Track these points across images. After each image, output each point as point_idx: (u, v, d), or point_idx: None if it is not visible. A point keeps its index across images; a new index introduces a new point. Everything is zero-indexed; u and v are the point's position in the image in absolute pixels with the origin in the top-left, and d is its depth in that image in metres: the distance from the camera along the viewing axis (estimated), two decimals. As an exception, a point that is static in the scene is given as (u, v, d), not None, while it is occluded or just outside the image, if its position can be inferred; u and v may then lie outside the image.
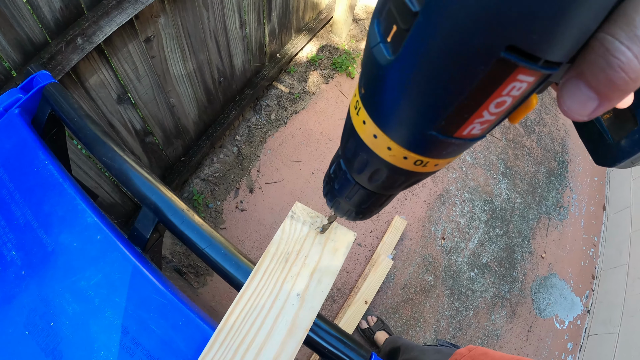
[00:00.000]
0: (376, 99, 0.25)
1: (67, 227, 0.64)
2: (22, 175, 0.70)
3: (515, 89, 0.19)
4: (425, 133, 0.24)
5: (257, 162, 2.28)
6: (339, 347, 0.58)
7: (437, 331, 2.10)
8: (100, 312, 0.57)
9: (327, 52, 2.74)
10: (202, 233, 0.61)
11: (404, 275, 2.18)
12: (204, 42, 1.65)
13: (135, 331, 0.56)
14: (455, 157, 0.28)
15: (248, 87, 2.25)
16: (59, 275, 0.61)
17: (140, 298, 0.57)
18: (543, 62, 0.17)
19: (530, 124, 2.94)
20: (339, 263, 0.59)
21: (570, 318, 2.33)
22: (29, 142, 0.73)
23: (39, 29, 1.03)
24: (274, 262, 0.57)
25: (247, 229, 2.07)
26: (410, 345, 1.42)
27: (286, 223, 0.60)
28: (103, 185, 1.51)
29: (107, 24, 1.14)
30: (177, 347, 0.55)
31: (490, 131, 0.24)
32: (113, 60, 1.27)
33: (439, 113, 0.22)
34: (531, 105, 0.23)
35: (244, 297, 0.54)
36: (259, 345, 0.51)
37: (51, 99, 0.76)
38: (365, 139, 0.29)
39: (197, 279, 1.91)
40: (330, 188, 0.41)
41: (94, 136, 0.70)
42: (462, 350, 0.85)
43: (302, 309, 0.54)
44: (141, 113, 1.53)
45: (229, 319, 0.52)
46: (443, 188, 2.49)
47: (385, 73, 0.22)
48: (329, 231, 0.61)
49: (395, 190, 0.35)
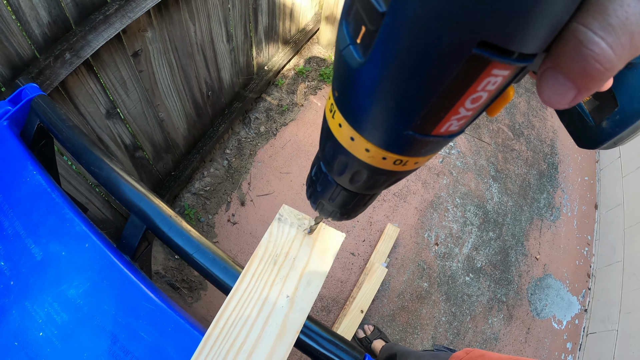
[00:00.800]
0: (350, 101, 0.25)
1: (55, 237, 0.64)
2: (10, 186, 0.70)
3: (491, 83, 0.19)
4: (401, 133, 0.23)
5: (247, 174, 2.28)
6: (332, 349, 0.57)
7: (435, 337, 2.09)
8: (89, 320, 0.57)
9: (314, 64, 2.77)
10: (189, 239, 0.61)
11: (399, 282, 2.18)
12: (192, 56, 1.66)
13: (125, 339, 0.55)
14: (436, 153, 0.28)
15: (236, 100, 2.26)
16: (48, 285, 0.60)
17: (129, 305, 0.57)
18: (517, 56, 0.17)
19: (518, 127, 2.97)
20: (328, 264, 0.59)
21: (568, 318, 2.33)
22: (17, 153, 0.73)
23: (27, 44, 1.04)
24: (262, 265, 0.57)
25: (240, 242, 2.07)
26: (407, 352, 1.41)
27: (273, 226, 0.60)
28: (94, 200, 1.50)
29: (94, 38, 1.14)
30: (167, 353, 0.54)
31: (469, 126, 0.24)
32: (101, 75, 1.27)
33: (414, 113, 0.21)
34: (508, 97, 0.23)
35: (232, 301, 0.53)
36: (249, 349, 0.51)
37: (39, 110, 0.77)
38: (343, 141, 0.29)
39: (190, 293, 1.89)
40: (313, 190, 0.41)
41: (82, 146, 0.70)
42: (459, 354, 0.84)
43: (292, 311, 0.54)
44: (130, 128, 1.53)
45: (217, 324, 0.52)
46: (434, 194, 2.50)
47: (357, 76, 0.22)
48: (316, 232, 0.61)
49: (378, 190, 0.35)
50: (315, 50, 2.84)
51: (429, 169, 2.57)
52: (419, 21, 0.16)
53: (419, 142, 0.24)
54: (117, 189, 0.65)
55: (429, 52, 0.17)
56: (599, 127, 0.40)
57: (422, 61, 0.18)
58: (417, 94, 0.20)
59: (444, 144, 0.26)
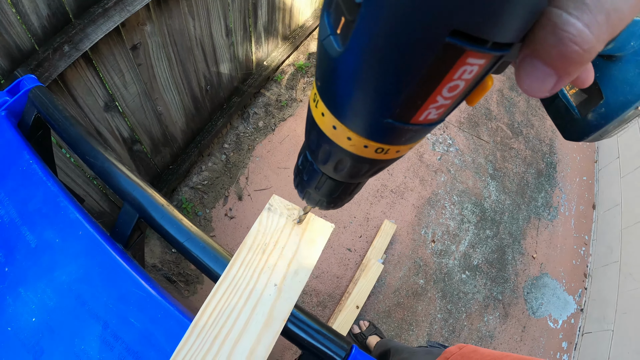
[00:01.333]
0: (331, 90, 0.26)
1: (50, 224, 0.65)
2: (7, 175, 0.71)
3: (467, 72, 0.19)
4: (381, 121, 0.24)
5: (245, 169, 2.29)
6: (319, 338, 0.58)
7: (430, 334, 2.10)
8: (81, 306, 0.58)
9: (313, 60, 2.77)
10: (180, 227, 0.62)
11: (395, 279, 2.19)
12: (191, 50, 1.67)
13: (115, 325, 0.56)
14: (417, 142, 0.28)
15: (235, 95, 2.27)
16: (41, 272, 0.61)
17: (120, 292, 0.58)
18: (491, 45, 0.17)
19: (517, 126, 2.98)
20: (317, 254, 0.60)
21: (564, 317, 2.34)
22: (14, 143, 0.74)
23: (27, 36, 1.05)
24: (251, 254, 0.58)
25: (237, 237, 2.08)
26: (400, 347, 1.42)
27: (263, 215, 0.61)
28: (91, 193, 1.51)
29: (93, 31, 1.15)
30: (157, 340, 0.55)
31: (449, 114, 0.25)
32: (100, 68, 1.28)
33: (392, 101, 0.22)
34: (486, 86, 0.23)
35: (220, 289, 0.54)
36: (236, 337, 0.52)
37: (37, 101, 0.77)
38: (326, 130, 0.29)
39: (187, 287, 1.91)
40: (300, 180, 0.42)
41: (77, 136, 0.71)
42: (452, 349, 0.85)
43: (279, 299, 0.55)
44: (128, 121, 1.54)
45: (205, 311, 0.53)
46: (432, 191, 2.51)
47: (337, 65, 0.23)
48: (306, 222, 0.62)
49: (362, 178, 0.36)
50: (315, 46, 2.84)
51: (426, 166, 2.58)
52: (393, 10, 0.17)
53: (398, 131, 0.24)
54: (111, 178, 0.66)
55: (404, 40, 0.18)
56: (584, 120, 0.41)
57: (398, 50, 0.18)
58: (394, 82, 0.20)
59: (425, 132, 0.26)
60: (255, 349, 0.51)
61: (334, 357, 0.56)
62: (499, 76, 3.24)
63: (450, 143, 2.73)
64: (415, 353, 1.23)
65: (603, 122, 0.39)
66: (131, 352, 0.54)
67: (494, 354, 0.76)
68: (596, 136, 0.41)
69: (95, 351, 0.55)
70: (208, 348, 0.50)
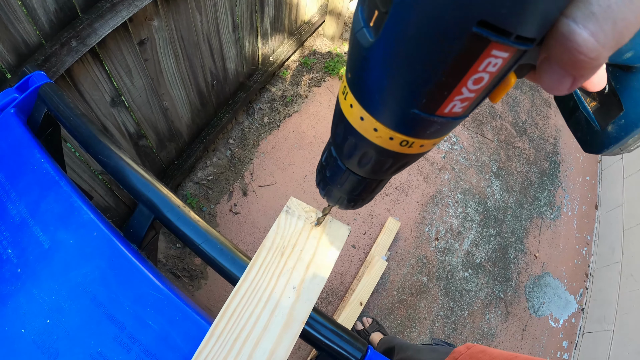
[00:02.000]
0: (361, 81, 0.26)
1: (63, 225, 0.64)
2: (18, 174, 0.70)
3: (491, 65, 0.20)
4: (407, 112, 0.25)
5: (250, 165, 2.28)
6: (336, 340, 0.58)
7: (433, 331, 2.11)
8: (96, 308, 0.57)
9: (319, 56, 2.76)
10: (197, 229, 0.61)
11: (399, 276, 2.19)
12: (197, 46, 1.66)
13: (132, 327, 0.56)
14: (440, 137, 0.29)
15: (241, 90, 2.26)
16: (55, 273, 0.61)
17: (136, 294, 0.58)
18: (515, 38, 0.18)
19: (521, 125, 2.97)
20: (334, 256, 0.60)
21: (565, 316, 2.34)
22: (24, 141, 0.74)
23: (34, 31, 1.04)
24: (270, 256, 0.57)
25: (241, 232, 2.07)
26: (405, 345, 1.42)
27: (281, 218, 0.61)
28: (97, 188, 1.50)
29: (101, 26, 1.14)
30: (174, 342, 0.55)
31: (472, 110, 0.25)
32: (107, 63, 1.27)
33: (420, 91, 0.22)
34: (509, 83, 0.24)
35: (240, 291, 0.54)
36: (256, 338, 0.51)
37: (47, 98, 0.77)
38: (353, 122, 0.30)
39: (191, 282, 1.91)
40: (323, 176, 0.42)
41: (90, 134, 0.70)
42: (460, 349, 0.85)
43: (298, 302, 0.55)
44: (135, 116, 1.53)
45: (225, 313, 0.52)
46: (436, 189, 2.50)
47: (368, 55, 0.24)
48: (323, 225, 0.61)
49: (385, 175, 0.36)
50: (320, 42, 2.83)
51: (431, 164, 2.58)
52: (425, 2, 0.18)
53: (424, 122, 0.25)
54: (125, 178, 0.66)
55: (433, 30, 0.18)
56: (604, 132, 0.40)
57: (427, 39, 0.19)
58: (422, 71, 0.21)
59: (449, 127, 0.27)
60: (275, 350, 0.51)
61: (350, 358, 0.56)
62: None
63: (455, 141, 2.73)
64: (420, 351, 1.23)
65: (622, 134, 0.38)
66: (149, 354, 0.54)
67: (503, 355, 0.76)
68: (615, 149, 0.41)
69: (112, 353, 0.55)
70: (229, 350, 0.50)
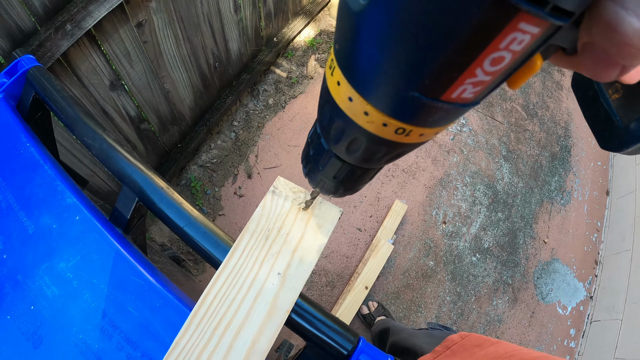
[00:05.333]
0: (350, 54, 0.22)
1: (47, 209, 0.63)
2: (4, 159, 0.69)
3: (516, 42, 0.16)
4: (406, 94, 0.20)
5: (255, 147, 2.26)
6: (324, 330, 0.55)
7: (439, 317, 2.10)
8: (78, 294, 0.56)
9: (325, 36, 2.71)
10: (180, 211, 0.60)
11: (405, 260, 2.17)
12: (198, 27, 1.63)
13: (113, 314, 0.55)
14: (444, 126, 0.25)
15: (245, 72, 2.23)
16: (39, 258, 0.60)
17: (118, 280, 0.56)
18: (551, 9, 0.14)
19: (532, 108, 2.90)
20: (323, 240, 0.57)
21: (573, 304, 2.31)
22: (11, 125, 0.72)
23: (27, 16, 1.02)
24: (253, 240, 0.55)
25: (246, 215, 2.07)
26: (400, 327, 1.41)
27: (267, 198, 0.58)
28: (99, 173, 1.50)
29: (96, 8, 1.12)
30: (155, 329, 0.54)
31: (486, 97, 0.21)
32: (104, 46, 1.25)
33: (422, 69, 0.18)
34: (534, 67, 0.20)
35: (220, 277, 0.52)
36: (237, 327, 0.50)
37: (35, 82, 0.75)
38: (340, 102, 0.26)
39: (195, 266, 1.91)
40: (306, 154, 0.38)
41: (75, 116, 0.69)
42: (454, 337, 0.82)
43: (282, 289, 0.53)
44: (135, 99, 1.52)
45: (204, 301, 0.50)
46: (444, 172, 2.46)
47: (358, 21, 0.19)
48: (312, 207, 0.59)
49: (377, 164, 0.32)
50: (327, 22, 2.78)
51: (439, 146, 2.53)
52: None
53: (425, 108, 0.21)
54: (109, 160, 0.64)
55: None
56: (626, 129, 0.36)
57: (435, 3, 0.15)
58: (427, 44, 0.17)
59: (455, 115, 0.22)
60: (257, 341, 0.49)
61: (339, 349, 0.54)
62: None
63: (464, 123, 2.67)
64: (415, 335, 1.21)
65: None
66: (129, 342, 0.53)
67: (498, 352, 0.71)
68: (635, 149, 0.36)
69: (93, 340, 0.54)
70: (208, 339, 0.49)
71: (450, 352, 0.79)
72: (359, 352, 0.54)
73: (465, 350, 0.76)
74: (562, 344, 2.19)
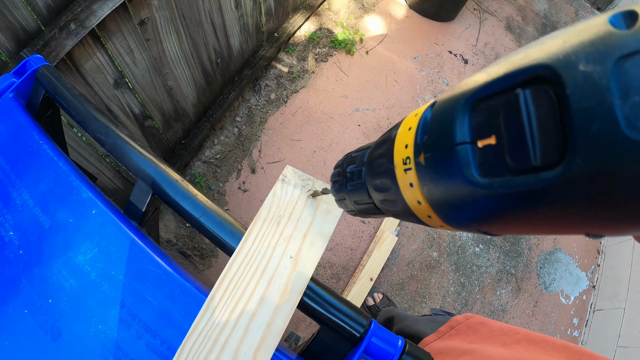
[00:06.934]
0: (438, 188, 0.22)
1: (62, 204, 0.64)
2: (17, 157, 0.71)
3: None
4: (473, 229, 0.22)
5: (258, 142, 2.28)
6: (337, 314, 0.56)
7: (443, 307, 2.11)
8: (96, 286, 0.58)
9: (325, 30, 2.71)
10: (196, 202, 0.61)
11: (409, 251, 2.19)
12: (200, 24, 1.64)
13: (132, 303, 0.56)
14: None
15: (246, 67, 2.24)
16: (56, 252, 0.61)
17: (136, 270, 0.58)
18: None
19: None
20: (332, 225, 0.59)
21: (576, 293, 2.33)
22: (23, 124, 0.73)
23: (31, 16, 1.03)
24: (266, 226, 0.57)
25: (251, 210, 2.08)
26: (404, 315, 1.42)
27: (277, 187, 0.60)
28: (104, 171, 1.51)
29: (99, 7, 1.13)
30: (174, 317, 0.55)
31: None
32: (108, 45, 1.26)
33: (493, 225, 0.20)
34: None
35: (235, 262, 0.54)
36: (252, 309, 0.51)
37: (44, 81, 0.76)
38: (406, 194, 0.26)
39: (202, 261, 1.93)
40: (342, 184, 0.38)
41: (87, 113, 0.70)
42: (459, 317, 0.83)
43: (295, 272, 0.54)
44: (139, 97, 1.53)
45: (221, 285, 0.52)
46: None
47: (470, 192, 0.19)
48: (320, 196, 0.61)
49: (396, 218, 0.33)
50: (327, 16, 2.78)
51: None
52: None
53: (470, 227, 0.22)
54: (123, 155, 0.65)
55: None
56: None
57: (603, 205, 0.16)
58: (528, 228, 0.18)
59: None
60: (272, 322, 0.51)
61: (352, 332, 0.56)
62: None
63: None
64: (418, 321, 1.22)
65: None
66: (148, 330, 0.54)
67: (502, 328, 0.73)
68: None
69: (113, 330, 0.55)
70: (225, 322, 0.50)
71: (454, 331, 0.79)
72: (371, 334, 0.55)
73: (470, 329, 0.77)
74: (566, 333, 2.21)
